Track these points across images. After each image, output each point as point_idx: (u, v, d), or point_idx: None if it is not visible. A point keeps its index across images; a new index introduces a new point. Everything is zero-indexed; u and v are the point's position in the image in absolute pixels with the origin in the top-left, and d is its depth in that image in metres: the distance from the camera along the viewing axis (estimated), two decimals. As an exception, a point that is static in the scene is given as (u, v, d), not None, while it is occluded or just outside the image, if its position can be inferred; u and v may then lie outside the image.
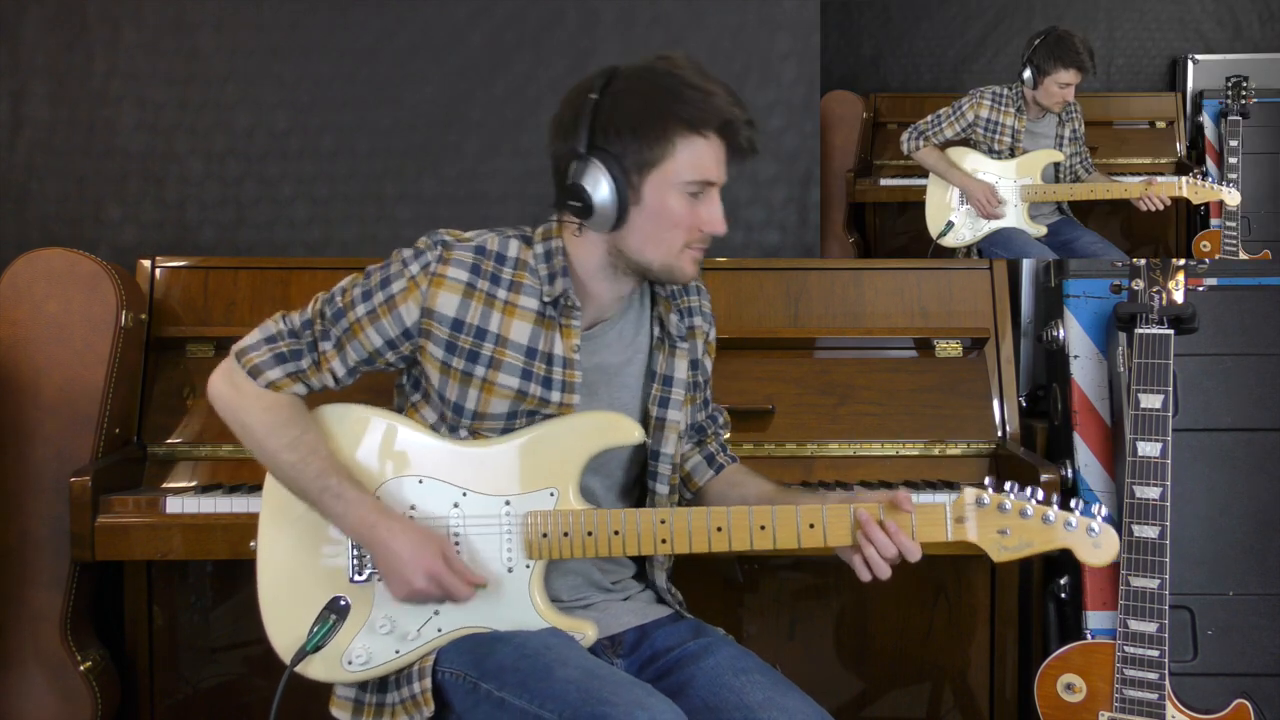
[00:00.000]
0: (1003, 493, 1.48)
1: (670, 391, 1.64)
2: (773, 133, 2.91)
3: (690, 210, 1.52)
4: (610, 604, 1.63)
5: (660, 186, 1.50)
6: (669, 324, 1.65)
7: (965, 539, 1.49)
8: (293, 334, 1.58)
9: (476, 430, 1.57)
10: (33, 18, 2.80)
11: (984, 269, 2.43)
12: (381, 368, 1.60)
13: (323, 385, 1.60)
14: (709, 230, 1.54)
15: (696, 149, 1.50)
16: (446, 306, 1.53)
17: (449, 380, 1.55)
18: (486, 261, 1.55)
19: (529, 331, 1.55)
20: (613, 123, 1.49)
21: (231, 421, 1.59)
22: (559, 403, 1.56)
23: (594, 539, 1.53)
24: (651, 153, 1.49)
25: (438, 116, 2.90)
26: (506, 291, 1.55)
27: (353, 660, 1.54)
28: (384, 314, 1.55)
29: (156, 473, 2.22)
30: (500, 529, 1.55)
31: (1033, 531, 1.47)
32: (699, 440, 1.76)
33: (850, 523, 1.49)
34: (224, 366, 1.60)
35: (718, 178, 1.53)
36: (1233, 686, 2.05)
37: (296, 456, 1.54)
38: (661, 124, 1.48)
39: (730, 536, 1.51)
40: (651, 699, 1.37)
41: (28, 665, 2.14)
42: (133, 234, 2.83)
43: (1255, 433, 2.18)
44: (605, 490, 1.64)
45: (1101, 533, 1.46)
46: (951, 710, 2.39)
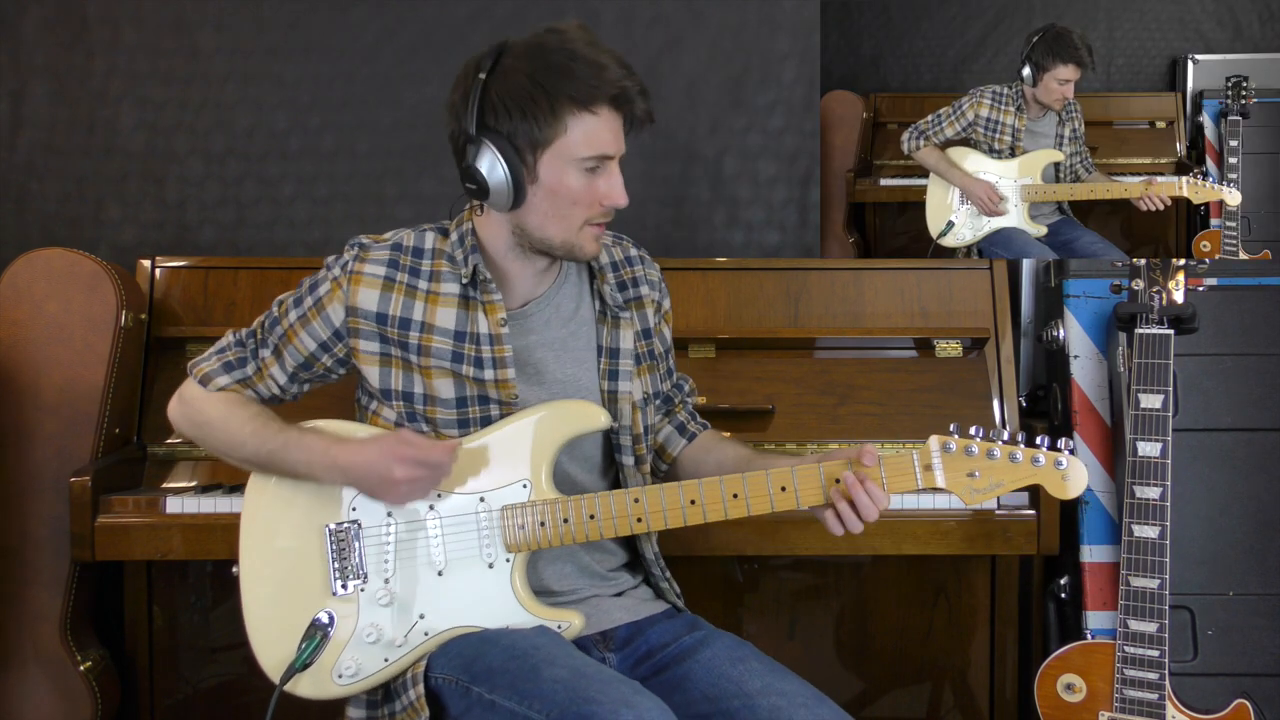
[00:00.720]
0: (969, 436, 1.49)
1: (618, 363, 1.65)
2: (773, 133, 2.91)
3: (588, 185, 1.52)
4: (602, 599, 1.64)
5: (555, 164, 1.51)
6: (605, 296, 1.66)
7: (935, 485, 1.50)
8: (239, 344, 1.65)
9: (431, 417, 1.58)
10: (33, 18, 2.80)
11: (984, 269, 2.43)
12: (321, 373, 1.64)
13: (270, 393, 1.65)
14: (609, 204, 1.54)
15: (588, 125, 1.50)
16: (368, 302, 1.56)
17: (391, 370, 1.58)
18: (403, 256, 1.59)
19: (454, 316, 1.57)
20: (502, 103, 1.49)
21: (192, 428, 1.65)
22: (494, 379, 1.57)
23: (570, 526, 1.54)
24: (543, 132, 1.49)
25: (438, 116, 2.87)
26: (427, 282, 1.59)
27: (342, 674, 1.54)
28: (313, 317, 1.59)
29: (156, 473, 2.22)
30: (477, 526, 1.55)
31: (1001, 471, 1.48)
32: (667, 410, 1.77)
33: (821, 482, 1.50)
34: (176, 392, 1.67)
35: (615, 150, 1.53)
36: (1233, 686, 2.05)
37: (257, 425, 1.58)
38: (551, 103, 1.48)
39: (704, 509, 1.52)
40: (638, 697, 1.37)
41: (28, 665, 2.14)
42: (133, 234, 2.83)
43: (1255, 433, 2.17)
44: (584, 473, 1.65)
45: (1069, 465, 1.47)
46: (951, 710, 2.39)
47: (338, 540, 1.56)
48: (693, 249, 2.88)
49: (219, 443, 1.62)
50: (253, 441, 1.58)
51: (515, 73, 1.49)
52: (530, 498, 1.55)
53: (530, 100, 1.48)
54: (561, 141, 1.50)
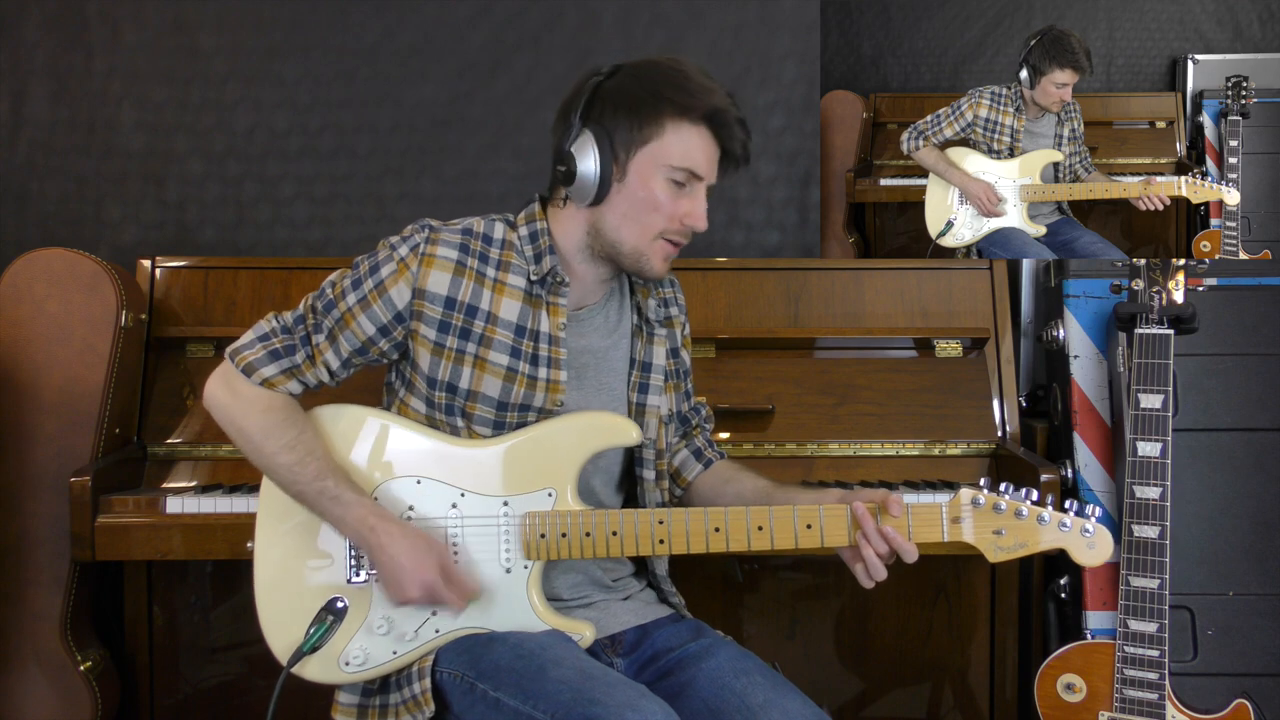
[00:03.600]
0: (998, 493, 1.49)
1: (649, 377, 1.66)
2: (773, 133, 2.91)
3: (672, 199, 1.54)
4: (610, 603, 1.64)
5: (646, 167, 1.52)
6: (647, 310, 1.67)
7: (961, 539, 1.49)
8: (285, 330, 1.58)
9: (469, 413, 1.56)
10: (33, 18, 2.80)
11: (984, 269, 2.43)
12: (375, 358, 1.60)
13: (318, 381, 1.60)
14: (689, 224, 1.55)
15: (685, 136, 1.52)
16: (439, 285, 1.54)
17: (441, 360, 1.55)
18: (475, 241, 1.57)
19: (518, 310, 1.56)
20: (610, 100, 1.53)
21: (228, 426, 1.59)
22: (546, 379, 1.56)
23: (592, 540, 1.53)
24: (641, 131, 1.52)
25: (438, 116, 2.90)
26: (495, 270, 1.57)
27: (350, 661, 1.54)
28: (374, 299, 1.55)
29: (156, 473, 2.22)
30: (498, 530, 1.55)
31: (1027, 532, 1.48)
32: (684, 433, 1.77)
33: (847, 523, 1.50)
34: (219, 371, 1.60)
35: (706, 173, 1.55)
36: (1233, 686, 2.05)
37: (294, 458, 1.54)
38: (654, 104, 1.51)
39: (728, 537, 1.52)
40: (643, 700, 1.37)
41: (28, 665, 2.14)
42: (133, 234, 2.83)
43: (1255, 433, 2.18)
44: (602, 485, 1.65)
45: (1095, 533, 1.47)
46: (951, 710, 2.39)
47: None
48: (692, 249, 2.85)
49: (249, 451, 1.58)
50: (285, 474, 1.55)
51: (629, 77, 1.54)
52: (554, 507, 1.54)
53: (636, 100, 1.52)
54: (657, 144, 1.52)
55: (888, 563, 1.49)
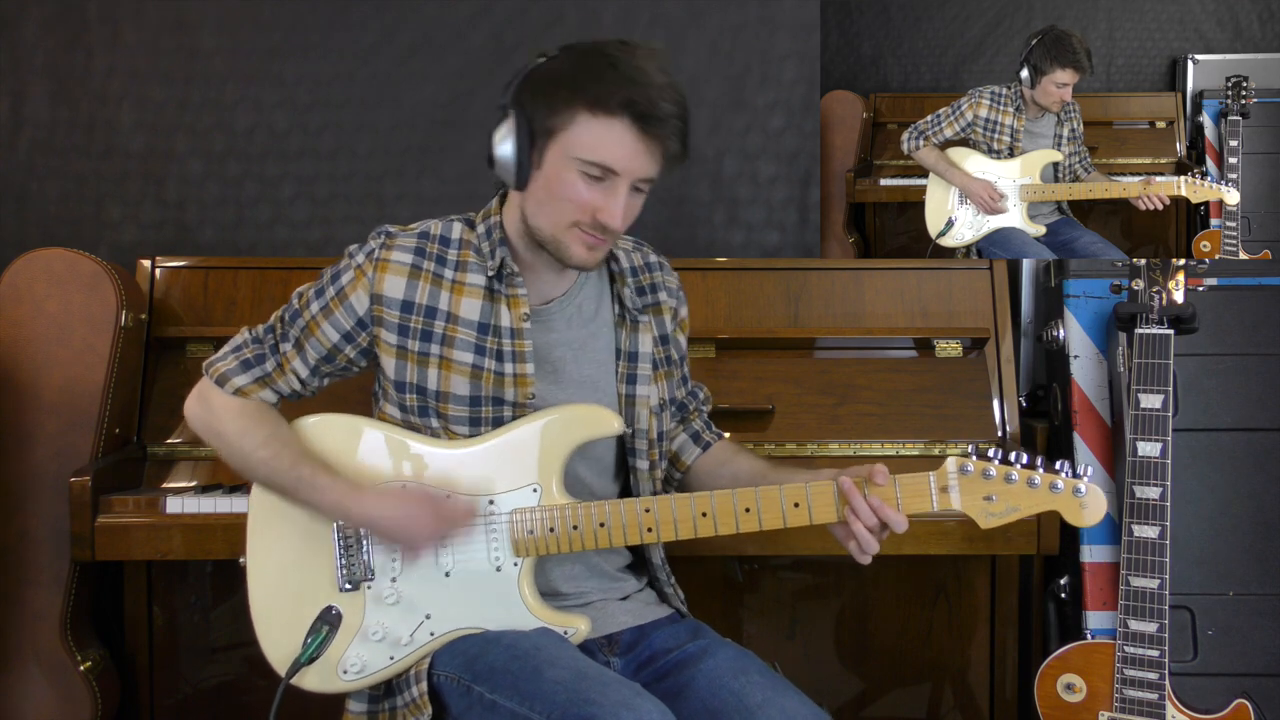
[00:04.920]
0: (987, 459, 1.47)
1: (636, 367, 1.65)
2: (773, 133, 2.91)
3: (586, 191, 1.50)
4: (608, 603, 1.64)
5: (559, 157, 1.50)
6: (625, 300, 1.66)
7: (951, 508, 1.48)
8: (256, 340, 1.63)
9: (443, 414, 1.57)
10: (33, 18, 2.80)
11: (984, 269, 2.43)
12: (344, 365, 1.62)
13: (291, 389, 1.63)
14: (600, 219, 1.51)
15: (596, 130, 1.47)
16: (394, 289, 1.56)
17: (406, 364, 1.57)
18: (430, 244, 1.59)
19: (479, 307, 1.57)
20: (535, 85, 1.50)
21: (206, 433, 1.64)
22: (514, 374, 1.56)
23: (579, 532, 1.53)
24: (552, 121, 1.49)
25: (438, 116, 2.90)
26: (453, 271, 1.58)
27: (348, 669, 1.54)
28: (336, 307, 1.58)
29: (156, 473, 2.22)
30: (486, 528, 1.55)
31: (1018, 496, 1.46)
32: (682, 418, 1.77)
33: (835, 498, 1.49)
34: (196, 387, 1.66)
35: (623, 168, 1.49)
36: (1233, 686, 2.05)
37: (269, 453, 1.57)
38: (569, 94, 1.48)
39: (716, 521, 1.51)
40: (639, 699, 1.37)
41: (28, 665, 2.14)
42: (133, 234, 2.83)
43: (1255, 433, 2.17)
44: (595, 476, 1.64)
45: (1087, 493, 1.45)
46: (951, 710, 2.39)
47: (345, 538, 1.56)
48: (693, 249, 2.89)
49: (229, 458, 1.62)
50: (263, 470, 1.58)
51: (560, 62, 1.51)
52: (540, 502, 1.55)
53: (554, 88, 1.49)
54: (565, 136, 1.49)
55: (880, 536, 1.48)
